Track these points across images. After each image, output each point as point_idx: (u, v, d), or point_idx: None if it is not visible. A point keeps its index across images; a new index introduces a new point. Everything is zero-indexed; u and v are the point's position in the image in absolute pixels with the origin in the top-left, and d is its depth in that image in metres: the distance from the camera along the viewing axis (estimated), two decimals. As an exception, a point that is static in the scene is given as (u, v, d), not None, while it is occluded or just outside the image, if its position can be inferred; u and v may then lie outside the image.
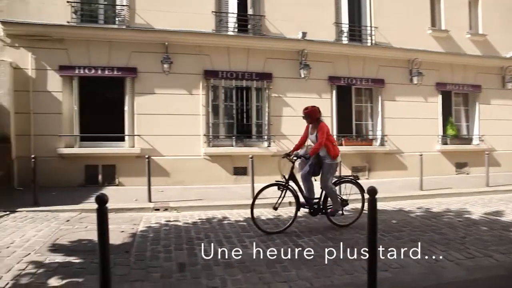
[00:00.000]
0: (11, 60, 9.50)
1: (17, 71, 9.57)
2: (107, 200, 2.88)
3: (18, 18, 9.44)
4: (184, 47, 10.30)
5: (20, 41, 9.63)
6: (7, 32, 9.53)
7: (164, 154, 10.13)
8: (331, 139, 5.99)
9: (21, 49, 9.65)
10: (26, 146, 9.50)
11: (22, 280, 3.77)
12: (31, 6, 9.58)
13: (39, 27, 9.51)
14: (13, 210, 6.93)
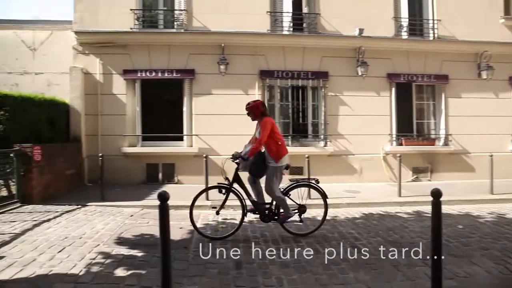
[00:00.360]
0: (82, 66, 10.32)
1: (87, 76, 10.35)
2: (168, 197, 3.00)
3: (88, 28, 10.24)
4: (239, 48, 10.46)
5: (90, 49, 10.40)
6: (80, 41, 10.36)
7: (220, 153, 10.32)
8: (277, 137, 5.25)
9: (91, 56, 10.41)
10: (95, 145, 10.23)
11: (93, 268, 4.05)
12: (99, 16, 10.31)
13: (105, 35, 10.20)
14: (84, 204, 7.51)
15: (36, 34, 14.43)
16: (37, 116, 8.53)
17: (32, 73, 14.37)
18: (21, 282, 3.68)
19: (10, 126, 7.54)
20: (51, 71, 14.11)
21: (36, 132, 8.49)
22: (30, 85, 13.92)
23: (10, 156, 7.29)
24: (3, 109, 7.47)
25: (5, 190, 7.63)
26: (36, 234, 5.35)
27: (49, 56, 14.16)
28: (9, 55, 14.37)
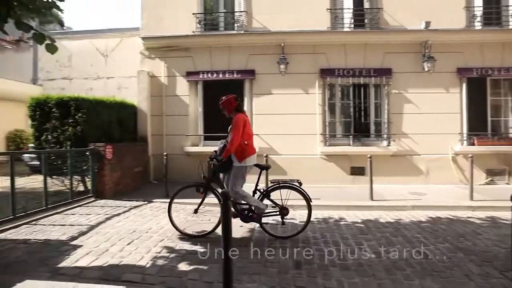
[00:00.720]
0: (149, 70, 10.90)
1: (153, 79, 10.92)
2: (230, 196, 3.06)
3: (154, 34, 10.78)
4: (299, 47, 10.38)
5: (155, 53, 10.96)
6: (146, 46, 10.96)
7: (280, 153, 10.35)
8: (245, 136, 5.01)
9: (156, 60, 10.95)
10: (160, 145, 10.76)
11: (158, 261, 4.25)
12: (163, 22, 10.82)
13: (170, 39, 10.67)
14: (150, 200, 7.91)
15: (107, 41, 15.52)
16: (108, 117, 9.14)
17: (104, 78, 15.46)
18: (96, 270, 3.97)
19: (86, 127, 8.16)
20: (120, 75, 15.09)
21: (108, 132, 9.11)
22: (103, 89, 15.00)
23: (86, 155, 7.91)
24: (81, 111, 8.10)
25: (81, 185, 8.29)
26: (108, 227, 5.73)
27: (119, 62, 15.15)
28: (85, 62, 15.59)
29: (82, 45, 15.60)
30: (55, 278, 3.73)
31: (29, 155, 10.13)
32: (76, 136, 8.06)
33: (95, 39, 15.67)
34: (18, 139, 16.35)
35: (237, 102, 5.20)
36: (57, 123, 8.14)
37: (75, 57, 15.58)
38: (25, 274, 3.84)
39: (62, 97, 8.30)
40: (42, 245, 4.84)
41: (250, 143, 5.09)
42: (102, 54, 15.53)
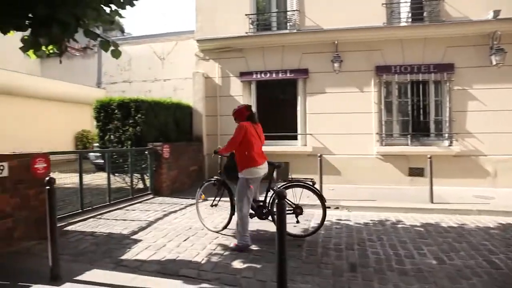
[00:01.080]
0: (203, 71, 11.19)
1: (208, 80, 11.19)
2: (285, 195, 3.06)
3: (208, 36, 11.05)
4: (354, 44, 10.11)
5: (209, 54, 11.22)
6: (201, 48, 11.26)
7: (334, 153, 10.15)
8: (248, 146, 4.71)
9: (211, 61, 11.21)
10: (214, 144, 10.96)
11: (213, 258, 4.34)
12: (217, 24, 11.06)
13: (223, 41, 10.87)
14: (205, 198, 8.07)
15: (164, 45, 16.16)
16: (166, 118, 9.51)
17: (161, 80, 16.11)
18: (154, 264, 4.14)
19: (145, 127, 8.55)
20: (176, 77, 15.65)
21: (165, 132, 9.48)
22: (160, 91, 15.64)
23: (145, 154, 8.28)
24: (140, 112, 8.50)
25: (141, 183, 8.70)
26: (165, 223, 5.96)
27: (175, 64, 15.72)
28: (144, 66, 16.35)
29: (141, 50, 16.40)
30: (118, 269, 3.94)
31: (94, 154, 10.84)
32: (136, 136, 8.47)
33: (153, 43, 16.40)
34: (84, 138, 17.58)
35: (249, 112, 4.98)
36: (119, 124, 8.62)
37: (135, 61, 16.40)
38: (92, 263, 4.11)
39: (123, 99, 8.77)
40: (107, 238, 5.14)
41: (251, 155, 4.71)
42: (159, 57, 16.20)
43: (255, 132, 4.84)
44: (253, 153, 4.72)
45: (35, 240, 4.73)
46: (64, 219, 5.83)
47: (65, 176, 6.42)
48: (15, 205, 4.56)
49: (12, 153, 4.69)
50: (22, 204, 4.67)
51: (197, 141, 10.95)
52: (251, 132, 4.74)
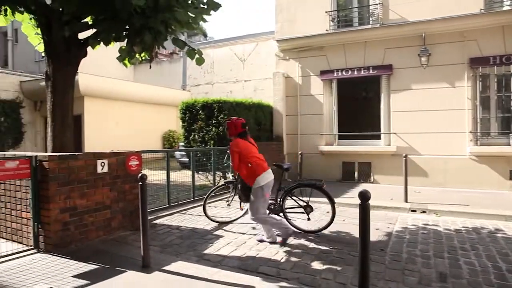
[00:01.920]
0: (283, 71, 11.25)
1: (288, 80, 11.23)
2: (369, 197, 2.91)
3: (288, 35, 11.10)
4: (444, 36, 9.34)
5: (289, 54, 11.25)
6: (281, 48, 11.35)
7: (421, 153, 9.51)
8: (249, 159, 4.72)
9: (291, 61, 11.23)
10: (294, 143, 11.02)
11: (292, 258, 4.33)
12: (297, 23, 11.05)
13: (303, 40, 10.82)
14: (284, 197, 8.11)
15: (245, 47, 16.57)
16: (246, 117, 9.71)
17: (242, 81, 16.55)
18: (235, 259, 4.27)
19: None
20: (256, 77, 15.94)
21: (246, 132, 9.71)
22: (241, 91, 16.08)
23: (227, 153, 8.56)
24: (223, 112, 8.82)
25: (222, 181, 9.02)
26: (246, 220, 6.10)
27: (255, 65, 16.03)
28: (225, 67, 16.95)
29: (223, 52, 17.02)
30: (201, 263, 4.13)
31: (180, 153, 11.51)
32: (218, 136, 8.82)
33: (233, 45, 16.92)
34: (171, 138, 18.80)
35: (243, 129, 4.92)
36: (203, 124, 9.05)
37: (217, 63, 17.08)
38: (178, 255, 4.37)
39: (206, 100, 9.18)
40: (191, 232, 5.43)
41: (255, 164, 4.74)
42: (240, 59, 16.67)
43: (248, 143, 4.89)
44: (256, 160, 4.78)
45: (129, 230, 5.17)
46: (153, 213, 6.29)
47: (154, 173, 6.89)
48: (113, 198, 5.05)
49: (111, 151, 5.18)
50: (118, 197, 5.14)
51: (278, 141, 11.05)
52: (244, 146, 4.79)
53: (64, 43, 4.94)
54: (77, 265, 3.93)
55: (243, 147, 4.75)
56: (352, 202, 7.33)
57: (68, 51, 5.01)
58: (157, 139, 18.59)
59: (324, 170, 10.60)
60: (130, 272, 3.76)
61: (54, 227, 4.33)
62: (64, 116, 5.12)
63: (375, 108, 10.31)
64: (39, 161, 4.34)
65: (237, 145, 4.74)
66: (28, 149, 16.12)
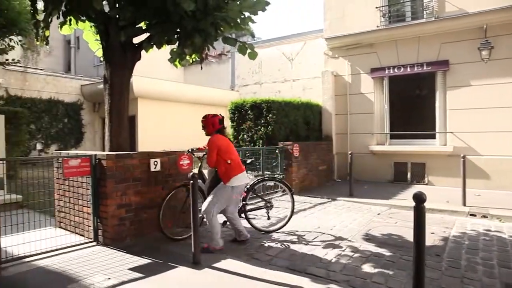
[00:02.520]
0: (332, 69, 11.07)
1: (337, 78, 11.04)
2: (425, 199, 2.80)
3: (337, 33, 10.90)
4: (509, 26, 8.67)
5: (338, 52, 11.05)
6: (330, 46, 11.18)
7: (482, 153, 8.93)
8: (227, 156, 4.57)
9: (340, 59, 11.03)
10: (344, 143, 10.81)
11: (342, 259, 4.25)
12: (346, 20, 10.82)
13: (353, 37, 10.58)
14: (334, 198, 8.01)
15: (292, 46, 16.47)
16: (295, 117, 9.70)
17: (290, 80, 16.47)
18: (283, 259, 4.26)
19: (276, 127, 8.87)
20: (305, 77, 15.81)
21: (295, 131, 9.68)
22: (289, 91, 16.02)
23: (276, 152, 8.59)
24: (271, 112, 8.85)
25: (271, 181, 9.05)
26: (295, 220, 6.07)
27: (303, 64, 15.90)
28: (273, 67, 16.97)
29: (270, 52, 17.04)
30: (250, 262, 4.17)
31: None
32: (267, 135, 8.86)
33: (281, 45, 16.89)
34: (221, 138, 19.13)
35: (221, 126, 4.75)
36: (251, 124, 9.13)
37: (265, 63, 17.14)
38: (228, 253, 4.44)
39: (255, 100, 9.26)
40: (240, 232, 5.49)
41: (237, 161, 4.63)
42: (288, 58, 16.61)
43: (228, 141, 4.74)
44: (236, 159, 4.66)
45: (180, 227, 5.33)
46: (204, 211, 6.44)
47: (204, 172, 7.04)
48: (165, 196, 5.22)
49: (163, 150, 5.38)
50: (170, 195, 5.32)
51: (327, 140, 10.89)
52: (225, 143, 4.64)
53: (121, 47, 5.21)
54: (132, 258, 4.13)
55: (223, 143, 4.60)
56: (405, 204, 7.06)
57: (124, 55, 5.28)
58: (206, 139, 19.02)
59: (374, 171, 10.30)
60: (181, 268, 3.88)
61: (111, 222, 4.58)
62: (120, 117, 5.39)
63: (429, 106, 9.84)
64: (98, 159, 4.61)
65: (218, 140, 4.57)
66: (88, 148, 17.20)
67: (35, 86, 15.95)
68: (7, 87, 14.91)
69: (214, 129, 4.70)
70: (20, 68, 15.44)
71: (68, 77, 17.98)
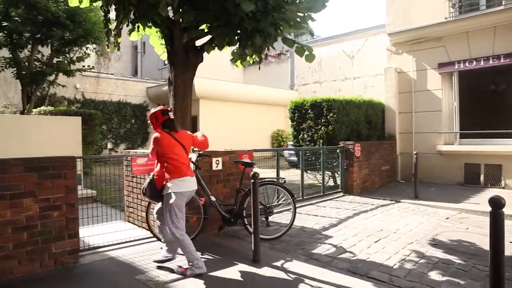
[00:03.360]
0: (396, 66, 10.60)
1: (401, 75, 10.54)
2: (503, 203, 2.55)
3: (400, 28, 10.39)
4: None
5: (402, 47, 10.54)
6: (393, 42, 10.71)
7: None
8: (166, 157, 3.80)
9: (404, 54, 10.52)
10: (408, 143, 10.30)
11: (406, 265, 4.04)
12: (411, 13, 10.27)
13: (418, 31, 10.02)
14: (397, 200, 7.66)
15: (353, 43, 16.03)
16: (357, 116, 9.42)
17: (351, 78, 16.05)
18: (344, 262, 4.15)
19: (336, 126, 8.69)
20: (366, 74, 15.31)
21: (356, 130, 9.41)
22: (349, 89, 15.62)
23: (336, 152, 8.42)
24: (332, 111, 8.68)
25: (331, 180, 8.89)
26: (355, 222, 5.91)
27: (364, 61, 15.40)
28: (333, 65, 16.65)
29: (330, 50, 16.73)
30: (309, 262, 4.12)
31: (288, 152, 11.67)
32: (327, 135, 8.70)
33: (341, 42, 16.51)
34: (279, 137, 19.21)
35: (165, 117, 3.95)
36: (312, 123, 9.02)
37: (324, 62, 16.86)
38: (287, 253, 4.43)
39: (315, 99, 9.13)
40: (299, 231, 5.45)
41: (175, 165, 3.81)
42: (348, 56, 16.19)
43: (171, 139, 3.89)
44: (175, 163, 3.83)
45: (240, 225, 5.41)
46: (263, 210, 6.48)
47: (263, 171, 7.10)
48: (226, 195, 5.35)
49: (224, 150, 5.50)
50: (231, 194, 5.42)
51: (390, 139, 10.44)
52: (165, 142, 3.84)
53: (184, 50, 5.41)
54: (195, 254, 4.27)
55: (163, 143, 3.83)
56: (478, 209, 6.56)
57: (187, 57, 5.48)
58: (265, 138, 19.19)
59: (442, 172, 9.68)
60: (241, 265, 3.94)
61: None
62: (184, 118, 5.60)
63: (507, 103, 9.04)
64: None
65: (156, 140, 3.85)
66: (154, 148, 18.12)
67: (106, 90, 17.14)
68: (83, 91, 16.17)
69: (158, 123, 3.94)
70: (93, 74, 16.69)
71: (135, 80, 19.10)
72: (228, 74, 21.67)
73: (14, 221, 3.55)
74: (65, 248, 3.87)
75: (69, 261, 3.89)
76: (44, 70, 10.53)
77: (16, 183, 3.56)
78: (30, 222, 3.64)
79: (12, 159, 3.58)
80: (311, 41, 19.23)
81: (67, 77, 11.44)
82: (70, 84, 14.87)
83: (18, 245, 3.57)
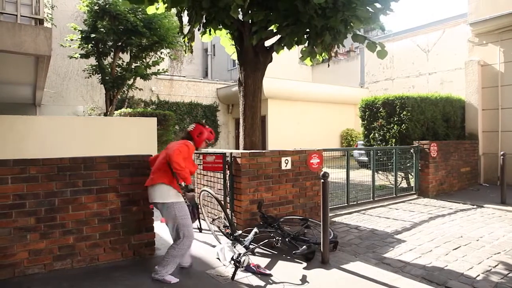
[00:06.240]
0: (479, 58, 9.73)
1: (484, 68, 9.67)
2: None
3: (485, 16, 9.49)
4: None
5: (487, 38, 9.65)
6: (475, 32, 9.84)
7: None
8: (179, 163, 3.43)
9: (488, 45, 9.62)
10: (493, 142, 9.41)
11: (491, 277, 3.68)
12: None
13: (507, 18, 9.06)
14: (480, 205, 7.05)
15: (428, 36, 15.08)
16: (433, 114, 8.82)
17: (426, 74, 15.12)
18: (419, 268, 3.90)
19: (410, 125, 8.23)
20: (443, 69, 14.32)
21: (432, 129, 8.82)
22: (424, 86, 14.74)
23: (410, 152, 7.97)
24: (405, 109, 8.24)
25: (404, 182, 8.43)
26: (431, 227, 5.53)
27: (441, 55, 14.41)
28: (406, 61, 15.81)
29: (403, 45, 15.89)
30: (380, 266, 3.93)
31: (358, 151, 11.28)
32: (400, 134, 8.28)
33: (415, 36, 15.59)
34: (348, 137, 18.69)
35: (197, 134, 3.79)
36: (384, 122, 8.63)
37: (396, 57, 16.06)
38: (356, 255, 4.28)
39: (387, 97, 8.72)
40: (370, 234, 5.24)
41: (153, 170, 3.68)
42: (423, 50, 15.25)
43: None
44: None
45: (309, 226, 5.35)
46: (332, 211, 6.33)
47: (332, 171, 6.94)
48: (295, 194, 5.31)
49: (293, 149, 5.46)
50: (300, 193, 5.38)
51: (471, 139, 9.62)
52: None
53: (253, 51, 5.49)
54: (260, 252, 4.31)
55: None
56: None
57: (257, 57, 5.55)
58: (334, 138, 18.79)
59: (535, 175, 8.71)
60: (309, 266, 3.87)
61: (244, 216, 4.83)
62: (253, 117, 5.67)
63: None
64: (233, 157, 4.92)
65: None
66: (222, 147, 18.64)
67: (179, 92, 17.97)
68: (158, 93, 17.13)
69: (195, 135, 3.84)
70: (167, 77, 17.62)
71: (206, 81, 19.77)
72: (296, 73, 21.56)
73: (100, 213, 3.87)
74: (142, 240, 4.12)
75: (146, 253, 4.13)
76: (124, 75, 11.42)
77: (102, 179, 3.88)
78: (113, 214, 3.94)
79: (98, 157, 3.91)
80: (382, 37, 18.45)
81: (144, 80, 12.21)
82: (146, 87, 15.82)
83: (103, 235, 3.89)
